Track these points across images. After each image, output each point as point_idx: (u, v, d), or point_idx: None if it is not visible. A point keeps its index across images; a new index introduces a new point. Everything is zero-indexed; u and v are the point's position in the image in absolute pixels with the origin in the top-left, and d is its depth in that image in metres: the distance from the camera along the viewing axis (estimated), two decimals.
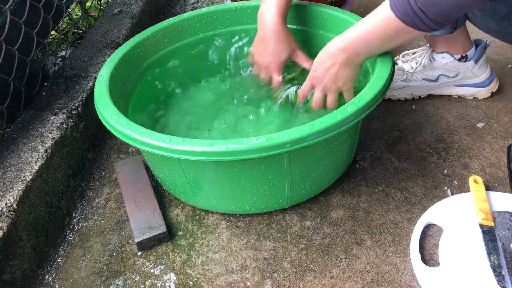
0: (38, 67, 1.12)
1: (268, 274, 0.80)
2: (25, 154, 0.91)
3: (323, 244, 0.84)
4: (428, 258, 0.80)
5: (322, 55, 0.84)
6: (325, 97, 0.88)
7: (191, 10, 1.70)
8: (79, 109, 1.05)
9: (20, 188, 0.84)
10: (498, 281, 0.72)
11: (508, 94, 1.14)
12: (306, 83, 0.89)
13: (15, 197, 0.82)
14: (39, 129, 0.97)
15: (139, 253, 0.86)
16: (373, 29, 0.76)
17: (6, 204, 0.80)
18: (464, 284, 0.74)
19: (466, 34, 1.06)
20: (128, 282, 0.82)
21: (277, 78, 0.96)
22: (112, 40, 1.28)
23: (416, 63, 1.10)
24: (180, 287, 0.80)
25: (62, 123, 0.99)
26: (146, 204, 0.92)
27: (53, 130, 0.97)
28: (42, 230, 0.89)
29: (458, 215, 0.84)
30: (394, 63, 0.84)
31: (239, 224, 0.90)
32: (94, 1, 1.57)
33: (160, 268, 0.83)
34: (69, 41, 1.39)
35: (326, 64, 0.83)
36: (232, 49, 1.12)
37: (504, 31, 0.88)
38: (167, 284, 0.81)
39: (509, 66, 1.23)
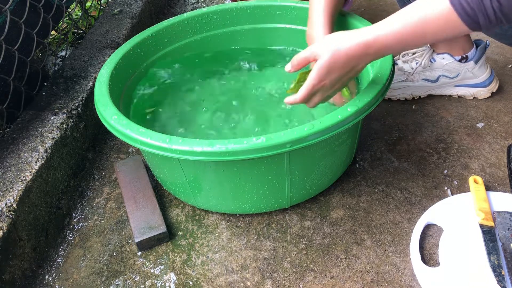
0: (38, 67, 1.12)
1: (268, 274, 0.80)
2: (25, 154, 0.91)
3: (323, 244, 0.84)
4: (428, 258, 0.80)
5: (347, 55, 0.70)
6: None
7: (191, 10, 1.70)
8: (79, 109, 1.05)
9: (20, 188, 0.83)
10: (498, 281, 0.72)
11: (508, 94, 1.14)
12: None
13: (15, 197, 0.82)
14: (39, 129, 0.97)
15: (139, 253, 0.86)
16: (423, 24, 0.65)
17: (6, 204, 0.80)
18: (464, 284, 0.74)
19: (467, 34, 1.06)
20: (128, 282, 0.82)
21: None
22: (112, 40, 1.28)
23: (416, 63, 1.10)
24: (180, 287, 0.80)
25: (62, 123, 0.99)
26: (146, 204, 0.92)
27: (53, 130, 0.97)
28: (42, 230, 0.89)
29: (458, 215, 0.84)
30: (394, 63, 0.84)
31: (239, 224, 0.90)
32: (94, 1, 1.57)
33: (160, 268, 0.83)
34: (69, 41, 1.39)
35: (352, 63, 0.71)
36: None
37: (505, 34, 0.88)
38: (167, 284, 0.81)
39: (509, 66, 1.23)
